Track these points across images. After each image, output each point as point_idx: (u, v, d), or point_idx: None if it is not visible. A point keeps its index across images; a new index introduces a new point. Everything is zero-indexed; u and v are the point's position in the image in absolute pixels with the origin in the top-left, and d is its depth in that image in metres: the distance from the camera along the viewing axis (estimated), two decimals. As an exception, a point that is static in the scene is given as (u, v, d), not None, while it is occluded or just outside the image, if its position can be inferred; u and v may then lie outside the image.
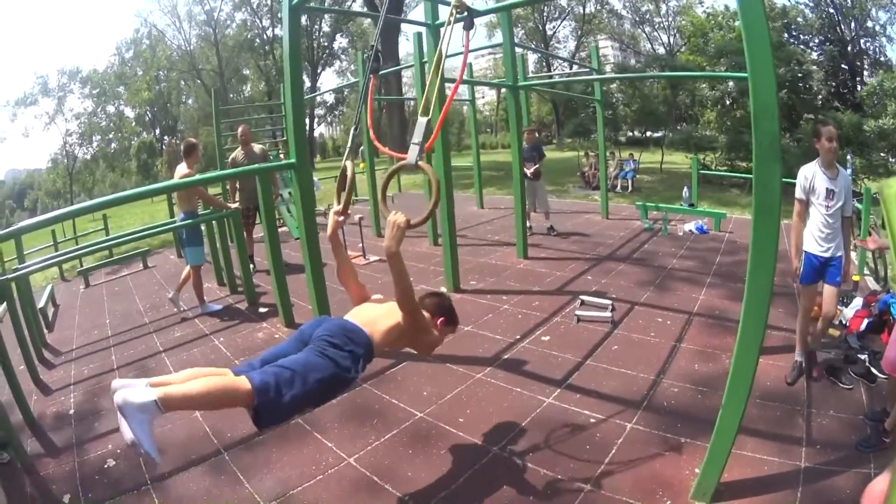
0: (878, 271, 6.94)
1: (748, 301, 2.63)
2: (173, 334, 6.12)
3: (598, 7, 41.65)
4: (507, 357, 4.92)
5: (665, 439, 3.53)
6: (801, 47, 22.84)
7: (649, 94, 26.04)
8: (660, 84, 24.99)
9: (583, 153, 21.31)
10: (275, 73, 42.80)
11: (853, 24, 25.04)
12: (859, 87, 22.96)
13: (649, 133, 32.03)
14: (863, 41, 25.36)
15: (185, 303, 6.91)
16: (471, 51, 3.02)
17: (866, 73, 25.04)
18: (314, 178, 9.36)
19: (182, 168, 6.40)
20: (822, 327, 4.34)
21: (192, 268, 6.60)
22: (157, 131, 48.26)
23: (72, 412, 4.48)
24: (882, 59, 25.38)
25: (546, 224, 10.09)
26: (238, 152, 8.49)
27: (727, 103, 19.52)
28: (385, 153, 3.39)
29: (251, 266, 7.77)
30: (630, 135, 34.09)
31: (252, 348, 5.46)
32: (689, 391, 4.13)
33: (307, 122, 40.03)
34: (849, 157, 10.62)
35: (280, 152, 13.03)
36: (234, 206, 7.48)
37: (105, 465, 3.64)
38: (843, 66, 24.28)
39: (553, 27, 43.82)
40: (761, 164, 2.48)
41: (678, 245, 8.79)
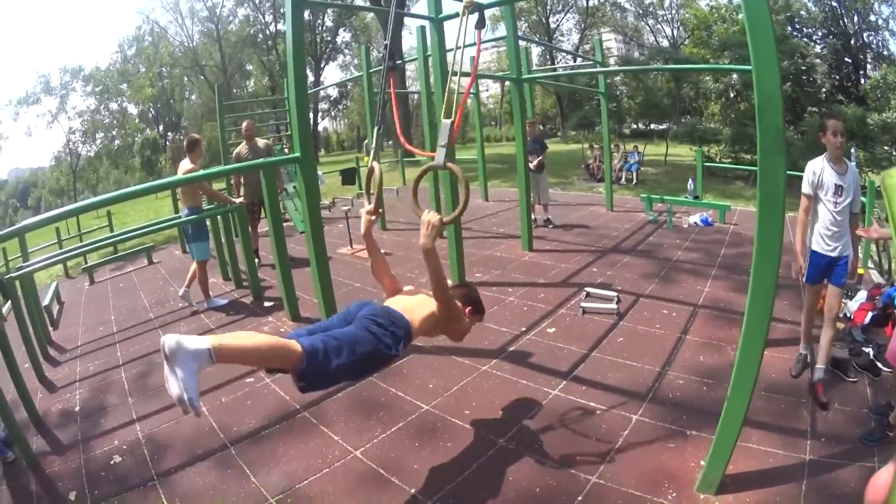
0: (882, 264, 6.92)
1: (753, 293, 2.63)
2: (179, 329, 6.12)
3: (602, 0, 41.51)
4: (512, 349, 4.93)
5: (670, 431, 3.54)
6: (805, 40, 22.72)
7: (653, 86, 25.96)
8: (664, 77, 24.92)
9: (587, 146, 21.29)
10: (278, 68, 42.71)
11: (856, 18, 24.91)
12: (863, 81, 22.89)
13: (653, 125, 31.94)
14: (866, 35, 25.24)
15: (179, 292, 6.94)
16: (475, 44, 3.06)
17: (869, 66, 24.95)
18: (318, 172, 9.37)
19: (186, 164, 6.40)
20: (829, 335, 3.99)
21: (198, 263, 6.61)
22: (161, 128, 48.14)
23: (77, 409, 4.50)
24: (885, 52, 25.29)
25: (545, 216, 10.08)
26: (242, 147, 8.48)
27: (731, 96, 19.47)
28: (413, 152, 3.59)
29: (256, 260, 7.79)
30: (634, 127, 33.95)
31: (258, 342, 5.46)
32: (695, 383, 4.14)
33: (311, 116, 40.00)
34: (853, 150, 10.59)
35: (284, 147, 13.01)
36: (238, 201, 7.48)
37: (111, 462, 3.66)
38: (846, 59, 24.17)
39: (556, 20, 43.65)
40: (766, 156, 2.48)
41: (683, 237, 8.77)
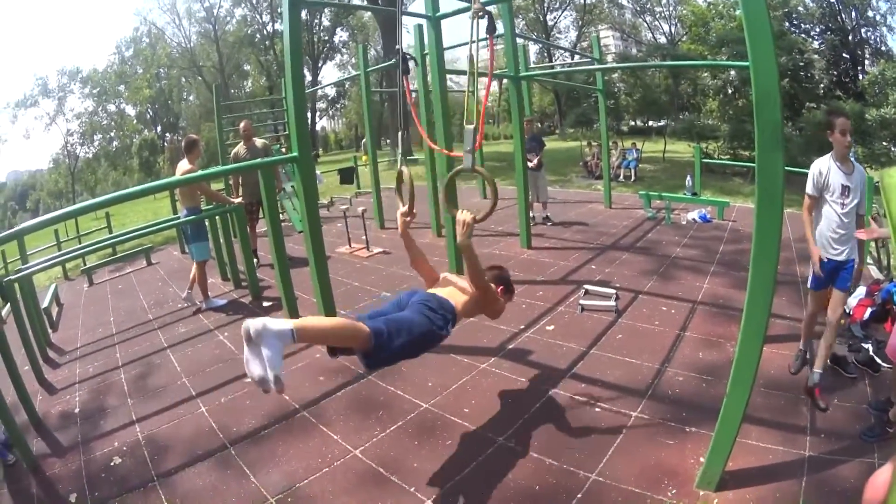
0: (880, 260, 6.92)
1: (752, 290, 2.63)
2: (178, 330, 6.13)
3: (599, -4, 41.47)
4: (511, 347, 4.93)
5: (669, 428, 3.54)
6: (802, 36, 22.68)
7: (651, 83, 25.99)
8: (662, 73, 24.92)
9: (585, 143, 21.27)
10: (276, 67, 42.68)
11: (854, 14, 24.84)
12: (861, 77, 22.85)
13: (651, 122, 31.93)
14: (864, 30, 25.19)
15: (182, 295, 6.98)
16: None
17: (867, 62, 24.89)
18: (317, 172, 9.37)
19: (184, 164, 6.40)
20: (829, 341, 3.89)
21: (197, 263, 6.61)
22: (159, 128, 48.10)
23: (77, 411, 4.49)
24: (883, 48, 25.22)
25: (543, 213, 10.08)
26: (240, 147, 8.48)
27: (729, 92, 19.45)
28: (438, 150, 3.92)
29: (255, 260, 7.79)
30: (632, 124, 33.96)
31: (257, 342, 5.46)
32: (694, 380, 4.14)
33: (309, 115, 40.01)
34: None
35: (282, 146, 13.00)
36: (237, 201, 7.48)
37: (111, 463, 3.66)
38: (844, 55, 24.09)
39: (554, 17, 43.52)
40: (764, 152, 2.47)
41: (681, 234, 8.77)
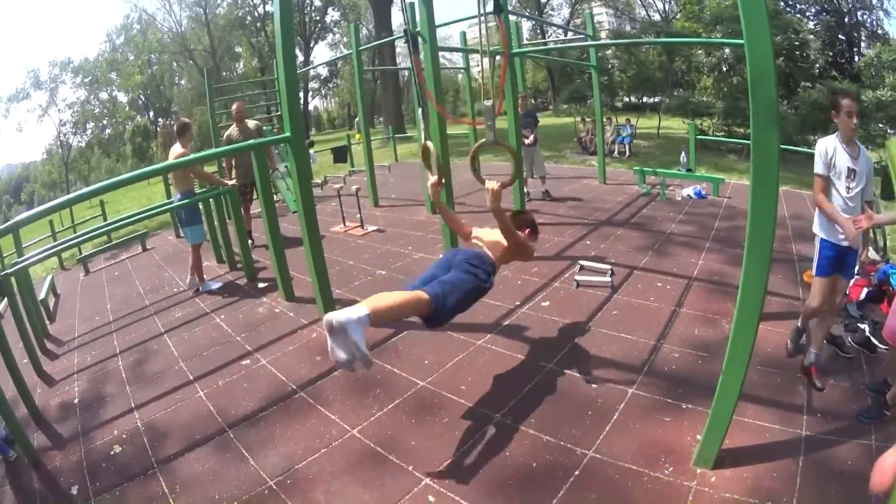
0: (877, 241, 6.93)
1: (747, 267, 2.62)
2: (174, 315, 6.12)
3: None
4: (507, 323, 4.94)
5: (666, 405, 3.55)
6: (798, 16, 22.53)
7: (645, 60, 25.75)
8: (656, 50, 24.68)
9: (579, 119, 21.20)
10: (267, 48, 42.38)
11: None
12: (856, 59, 22.77)
13: (646, 99, 31.75)
14: (860, 13, 25.08)
15: (184, 282, 7.01)
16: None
17: (863, 44, 24.80)
18: (310, 151, 9.31)
19: (177, 148, 6.36)
20: (827, 325, 3.85)
21: (193, 246, 6.60)
22: (151, 114, 47.89)
23: (76, 401, 4.48)
24: (880, 31, 25.14)
25: (542, 188, 10.08)
26: (233, 129, 8.44)
27: (724, 70, 19.34)
28: (458, 121, 4.33)
29: (250, 242, 7.76)
30: (626, 100, 33.78)
31: (253, 324, 5.48)
32: (690, 356, 4.15)
33: (301, 95, 39.75)
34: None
35: (275, 127, 12.92)
36: (230, 183, 7.44)
37: (111, 452, 3.65)
38: (840, 36, 24.00)
39: (547, -7, 43.22)
40: (759, 129, 2.45)
41: (676, 210, 8.77)
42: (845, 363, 4.03)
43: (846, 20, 24.27)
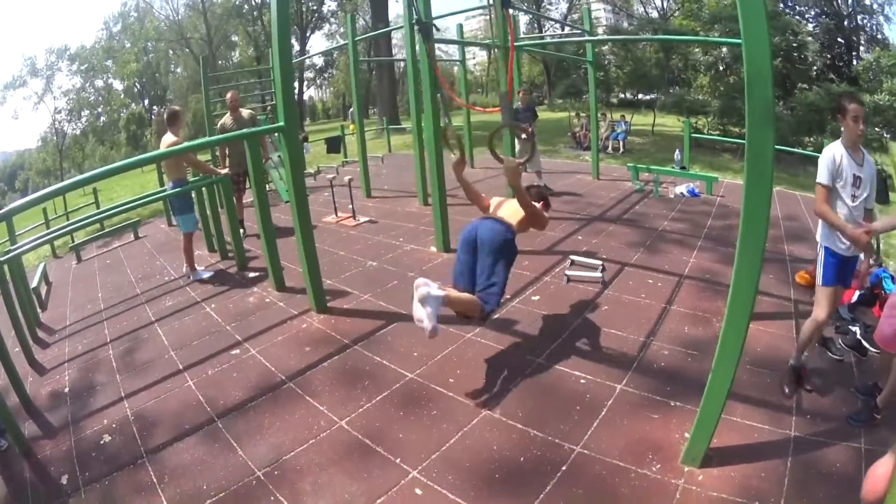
0: (870, 245, 6.96)
1: (739, 266, 2.62)
2: (165, 304, 6.09)
3: (591, -32, 40.95)
4: (496, 317, 4.91)
5: (655, 402, 3.56)
6: (797, 18, 22.57)
7: (642, 56, 25.74)
8: (652, 47, 24.66)
9: (574, 114, 21.18)
10: (264, 38, 42.07)
11: (850, 0, 24.81)
12: (855, 62, 22.85)
13: (641, 95, 31.76)
14: (860, 17, 25.14)
15: (176, 271, 7.00)
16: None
17: (862, 48, 24.87)
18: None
19: (169, 137, 6.33)
20: (815, 330, 3.68)
21: (185, 234, 6.58)
22: (147, 102, 47.52)
23: (67, 390, 4.45)
24: (879, 36, 25.22)
25: (538, 182, 10.05)
26: (227, 118, 8.42)
27: (720, 69, 19.35)
28: (473, 109, 4.74)
29: (241, 231, 7.74)
30: (622, 97, 33.77)
31: (243, 313, 5.45)
32: (680, 354, 4.16)
33: (296, 85, 39.57)
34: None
35: (269, 116, 12.86)
36: (223, 171, 7.42)
37: (101, 442, 3.63)
38: (839, 39, 24.06)
39: (545, -12, 43.09)
40: (754, 129, 2.45)
41: (669, 207, 8.78)
42: (836, 365, 4.04)
43: (845, 23, 24.36)
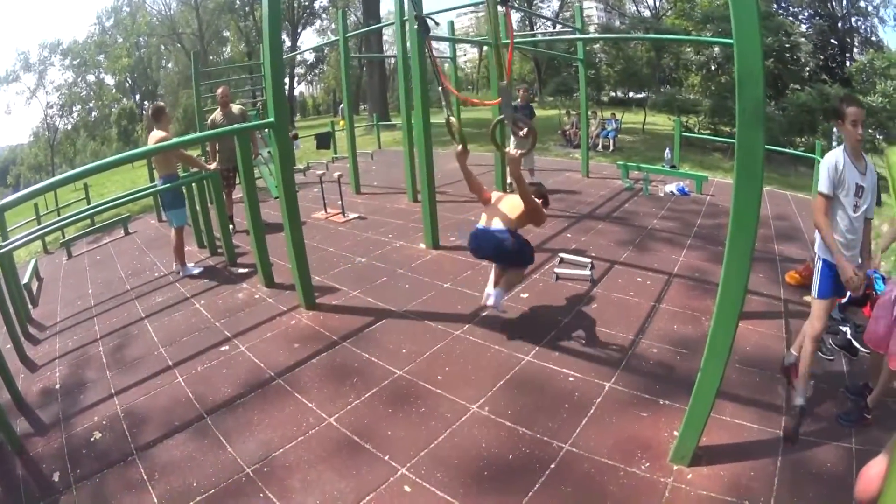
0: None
1: (728, 265, 2.63)
2: (154, 300, 6.04)
3: (583, -33, 40.97)
4: (485, 314, 4.91)
5: (643, 400, 3.57)
6: (790, 19, 22.67)
7: (633, 55, 25.79)
8: (644, 46, 24.71)
9: (564, 112, 21.20)
10: (255, 33, 41.90)
11: (844, 2, 24.93)
12: (848, 64, 22.95)
13: (632, 94, 31.81)
14: (853, 19, 25.25)
15: (165, 266, 6.98)
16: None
17: (856, 50, 24.97)
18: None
19: (157, 132, 6.27)
20: (815, 345, 3.46)
21: (175, 229, 6.53)
22: (138, 97, 47.27)
23: (58, 387, 4.41)
24: (873, 38, 25.34)
25: (531, 180, 10.06)
26: (217, 114, 8.38)
27: (712, 68, 19.43)
28: (474, 103, 4.70)
29: (231, 227, 7.71)
30: (613, 95, 33.84)
31: (233, 309, 5.43)
32: (668, 352, 4.17)
33: (287, 81, 39.41)
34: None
35: (259, 112, 12.80)
36: (213, 166, 7.38)
37: (92, 439, 3.60)
38: (832, 41, 24.15)
39: (536, -14, 43.08)
40: (744, 129, 2.46)
41: (659, 206, 8.80)
42: (826, 365, 4.05)
43: (839, 25, 24.47)
